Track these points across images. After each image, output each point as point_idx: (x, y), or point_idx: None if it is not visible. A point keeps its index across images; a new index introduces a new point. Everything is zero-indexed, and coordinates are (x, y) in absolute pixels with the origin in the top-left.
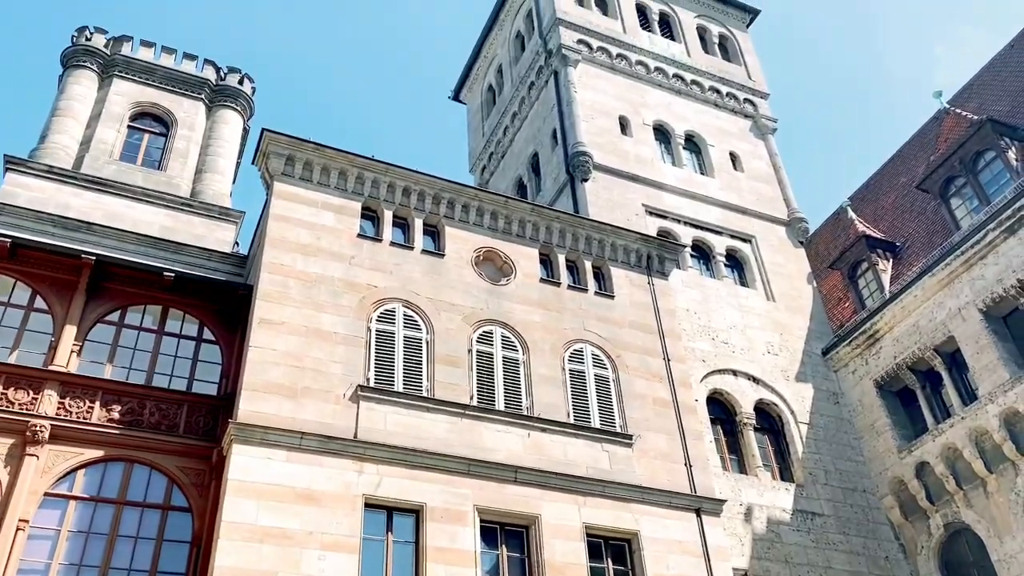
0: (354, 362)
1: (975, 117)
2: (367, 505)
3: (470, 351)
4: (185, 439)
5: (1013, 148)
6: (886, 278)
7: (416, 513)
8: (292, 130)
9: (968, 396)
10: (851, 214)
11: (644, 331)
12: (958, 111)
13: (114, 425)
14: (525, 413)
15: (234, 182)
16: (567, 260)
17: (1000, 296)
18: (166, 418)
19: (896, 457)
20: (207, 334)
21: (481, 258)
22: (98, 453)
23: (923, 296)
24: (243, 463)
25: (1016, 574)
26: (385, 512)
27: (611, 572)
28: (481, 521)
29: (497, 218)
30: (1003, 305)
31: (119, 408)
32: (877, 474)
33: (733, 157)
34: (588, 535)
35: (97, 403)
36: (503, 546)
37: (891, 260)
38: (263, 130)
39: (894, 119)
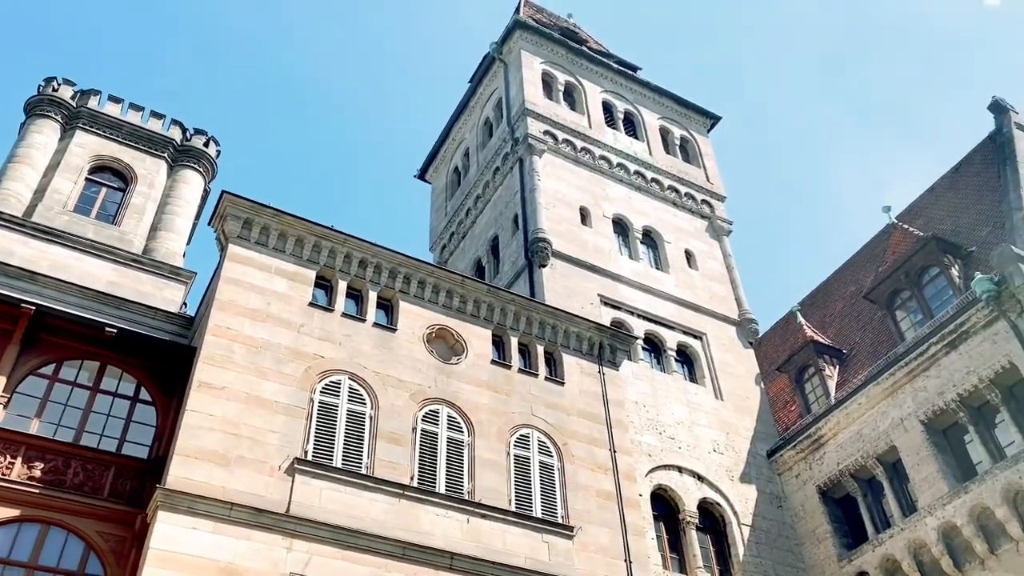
0: (293, 433)
1: (921, 234)
2: None
3: (414, 429)
4: (109, 503)
5: (956, 266)
6: (832, 384)
7: None
8: (253, 195)
9: (908, 507)
10: (800, 319)
11: (592, 420)
12: (906, 227)
13: (35, 483)
14: (466, 497)
15: (189, 243)
16: (520, 343)
17: (941, 409)
18: (91, 479)
19: (836, 566)
20: (144, 394)
21: (433, 335)
22: (14, 512)
23: (867, 404)
24: (167, 532)
25: None
26: None
27: None
28: None
29: (452, 296)
30: (943, 418)
31: (42, 466)
32: None
33: (688, 255)
34: None
35: (19, 459)
36: None
37: (837, 367)
38: (223, 192)
39: (844, 230)
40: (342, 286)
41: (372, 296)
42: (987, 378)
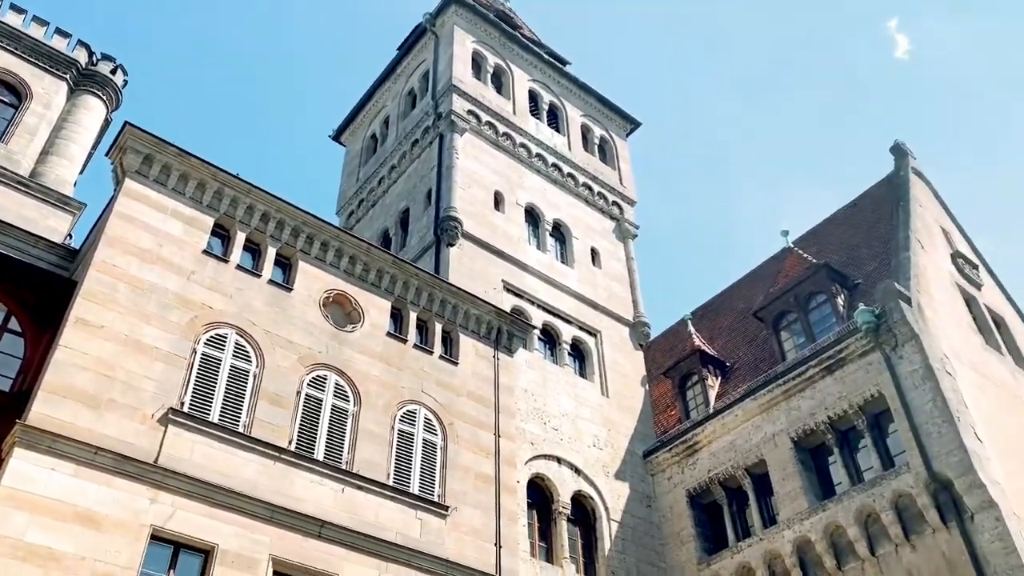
0: (171, 383)
1: (814, 261)
2: (153, 537)
3: (299, 393)
4: None
5: (842, 295)
6: (712, 394)
7: (206, 554)
8: (158, 131)
9: (769, 519)
10: (690, 328)
11: (481, 403)
12: (800, 252)
13: None
14: (344, 467)
15: (82, 172)
16: (418, 319)
17: (811, 429)
18: None
19: (695, 568)
20: (13, 324)
21: (330, 300)
22: None
23: (743, 417)
24: (22, 470)
25: None
26: (172, 548)
27: None
28: (275, 573)
29: (355, 263)
30: (812, 438)
31: None
32: None
33: (594, 253)
34: None
35: None
36: None
37: (719, 378)
38: (125, 123)
39: (743, 247)
40: (240, 238)
41: (271, 252)
42: (856, 404)
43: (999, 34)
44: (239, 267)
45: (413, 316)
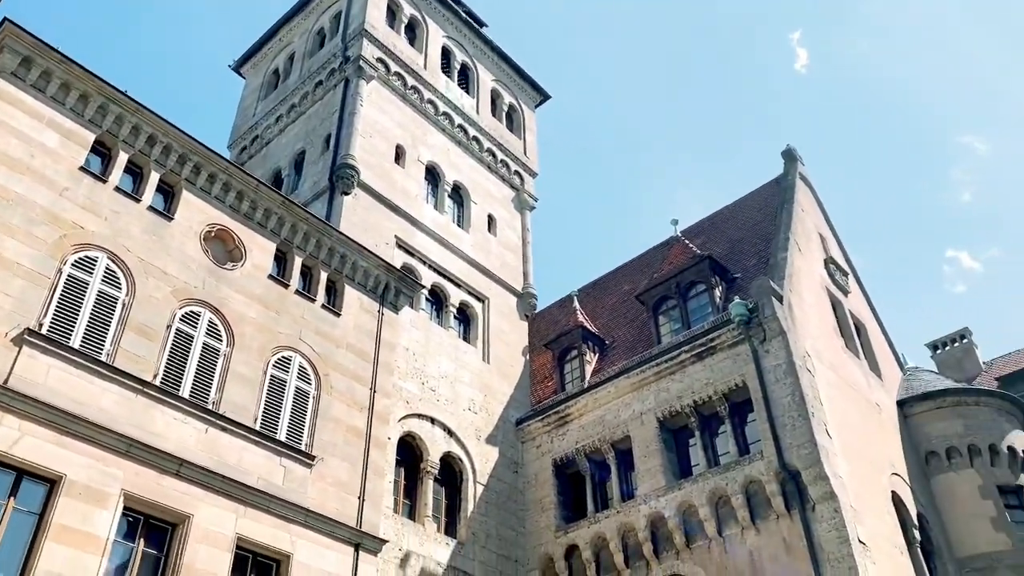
0: (30, 302)
1: (698, 252)
2: None
3: (169, 327)
4: None
5: (720, 287)
6: (589, 369)
7: (52, 484)
8: (41, 32)
9: (628, 493)
10: (576, 304)
11: (360, 357)
12: (687, 242)
13: None
14: (210, 407)
15: None
16: (303, 265)
17: (677, 411)
18: None
19: (553, 535)
20: None
21: (212, 235)
22: None
23: (615, 393)
24: None
25: None
26: (14, 474)
27: None
28: (126, 508)
29: (242, 199)
30: (677, 420)
31: None
32: (532, 547)
33: (491, 220)
34: (239, 547)
35: None
36: (141, 539)
37: (598, 354)
38: (4, 19)
39: (635, 231)
40: (122, 159)
41: (154, 177)
42: (721, 392)
43: (894, 52)
44: (118, 189)
45: (298, 261)
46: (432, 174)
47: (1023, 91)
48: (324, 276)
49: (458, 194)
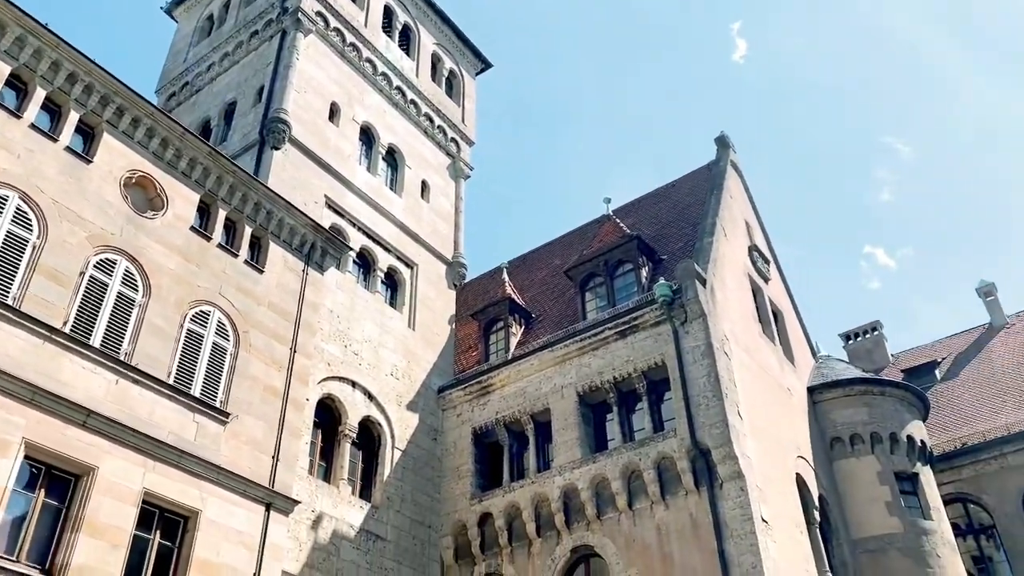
0: None
1: (628, 231)
2: None
3: (83, 274)
4: None
5: (647, 268)
6: (514, 341)
7: None
8: None
9: (544, 465)
10: (505, 276)
11: (281, 316)
12: (618, 221)
13: None
14: (122, 358)
15: None
16: (228, 218)
17: (597, 386)
18: None
19: (467, 503)
20: None
21: (133, 181)
22: None
23: (538, 366)
24: None
25: None
26: None
27: (155, 545)
28: (27, 457)
29: (167, 147)
30: (596, 395)
31: None
32: (447, 514)
33: (424, 186)
34: (145, 502)
35: None
36: (42, 490)
37: (523, 327)
38: None
39: (568, 206)
40: (39, 95)
41: (73, 117)
42: (641, 370)
43: (829, 49)
44: (33, 126)
45: (222, 214)
46: (367, 135)
47: (945, 97)
48: (248, 231)
49: (392, 157)
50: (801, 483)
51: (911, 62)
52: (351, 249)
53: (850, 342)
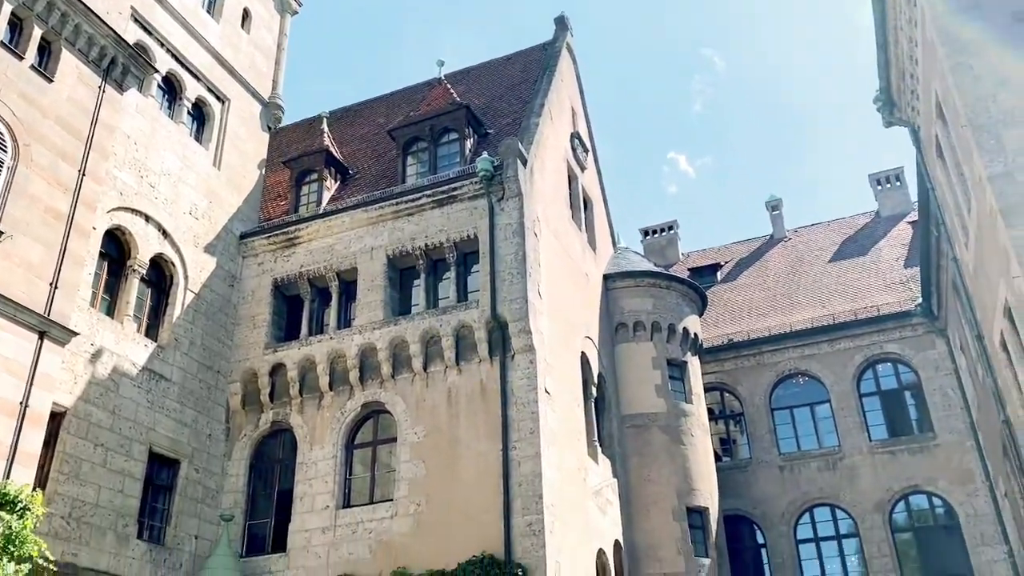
0: None
1: (458, 99)
2: None
3: None
4: None
5: (472, 140)
6: (327, 195)
7: None
8: None
9: (345, 323)
10: (324, 126)
11: (71, 133)
12: (449, 87)
13: None
14: None
15: None
16: (14, 15)
17: (408, 252)
18: None
19: (261, 352)
20: None
21: None
22: None
23: (350, 224)
24: None
25: (309, 476)
26: None
27: None
28: None
29: None
30: (406, 260)
31: None
32: (238, 361)
33: (246, 14)
34: None
35: None
36: None
37: (338, 182)
38: None
39: (401, 63)
40: None
41: None
42: (453, 240)
43: None
44: None
45: (7, 8)
46: None
47: (762, 13)
48: (38, 33)
49: None
50: (585, 361)
51: None
52: (156, 71)
53: (647, 237)
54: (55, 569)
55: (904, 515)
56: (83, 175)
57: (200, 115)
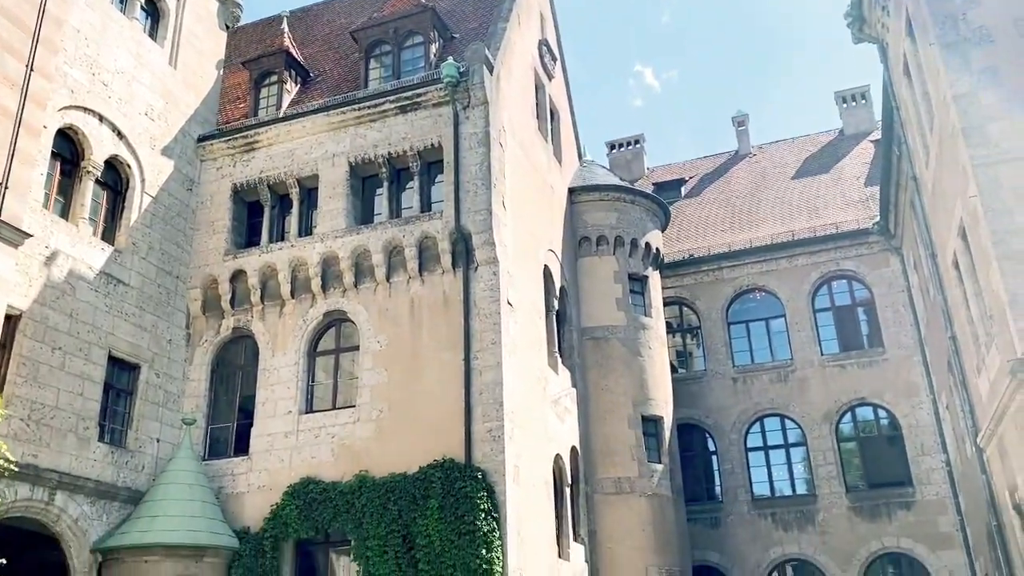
0: None
1: (424, 1)
2: None
3: None
4: None
5: (437, 44)
6: (287, 99)
7: None
8: None
9: (306, 231)
10: (284, 26)
11: (17, 26)
12: None
13: None
14: None
15: None
16: None
17: (370, 159)
18: None
19: (221, 258)
20: None
21: None
22: None
23: (311, 129)
24: None
25: (271, 382)
26: None
27: None
28: None
29: None
30: (369, 168)
31: None
32: (197, 267)
33: None
34: None
35: None
36: None
37: (299, 85)
38: None
39: None
40: None
41: None
42: (417, 149)
43: None
44: None
45: None
46: None
47: None
48: None
49: None
50: (547, 274)
51: None
52: None
53: (613, 151)
54: (16, 470)
55: (850, 425)
56: (31, 71)
57: (154, 11)
